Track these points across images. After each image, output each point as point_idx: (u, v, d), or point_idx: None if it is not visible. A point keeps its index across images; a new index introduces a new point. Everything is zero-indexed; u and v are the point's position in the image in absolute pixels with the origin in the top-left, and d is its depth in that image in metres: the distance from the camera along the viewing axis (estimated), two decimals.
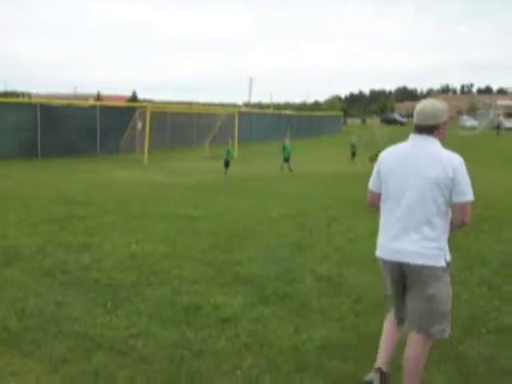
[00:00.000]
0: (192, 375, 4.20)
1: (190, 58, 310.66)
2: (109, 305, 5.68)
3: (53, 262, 7.34)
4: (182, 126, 35.88)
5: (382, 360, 3.92)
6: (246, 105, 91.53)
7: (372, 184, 3.96)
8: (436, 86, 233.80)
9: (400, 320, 4.00)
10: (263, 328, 5.14)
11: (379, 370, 3.84)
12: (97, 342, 4.76)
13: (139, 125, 29.81)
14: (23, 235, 8.92)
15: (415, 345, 3.78)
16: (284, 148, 22.96)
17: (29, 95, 58.44)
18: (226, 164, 20.71)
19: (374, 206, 4.02)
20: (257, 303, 5.82)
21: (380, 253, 3.89)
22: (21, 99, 40.30)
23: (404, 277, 3.79)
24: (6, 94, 48.98)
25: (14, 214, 10.78)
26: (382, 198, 3.87)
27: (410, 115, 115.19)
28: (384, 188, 3.83)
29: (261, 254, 7.86)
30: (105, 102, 41.93)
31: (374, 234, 4.15)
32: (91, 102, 40.44)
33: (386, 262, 3.87)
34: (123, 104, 44.29)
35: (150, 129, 27.19)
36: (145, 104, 36.32)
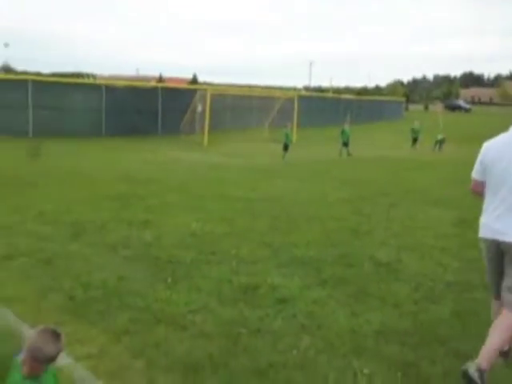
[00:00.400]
0: (249, 352, 4.27)
1: (251, 41, 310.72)
2: (169, 280, 5.83)
3: (115, 237, 7.58)
4: (241, 109, 36.04)
5: (486, 353, 3.84)
6: (306, 88, 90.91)
7: (475, 173, 4.29)
8: (504, 71, 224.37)
9: (499, 296, 4.16)
10: (320, 310, 5.16)
11: (479, 368, 3.74)
12: (157, 315, 4.91)
13: (199, 107, 30.14)
14: (88, 211, 9.24)
15: (505, 318, 3.92)
16: (343, 132, 22.71)
17: (94, 76, 60.03)
18: (285, 147, 20.69)
19: (477, 193, 4.35)
20: (314, 285, 5.84)
21: (482, 232, 4.19)
22: (86, 80, 41.43)
23: (502, 255, 4.04)
24: (73, 75, 50.46)
25: (79, 191, 11.18)
26: (487, 184, 4.17)
27: (476, 102, 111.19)
28: (488, 175, 4.14)
29: (318, 238, 7.85)
30: (166, 84, 42.59)
31: (433, 221, 4.08)
32: (153, 84, 41.12)
33: (486, 241, 4.17)
34: (184, 86, 44.86)
35: (210, 111, 27.45)
36: (205, 86, 36.66)
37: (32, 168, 14.34)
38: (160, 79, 75.36)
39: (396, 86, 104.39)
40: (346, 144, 22.38)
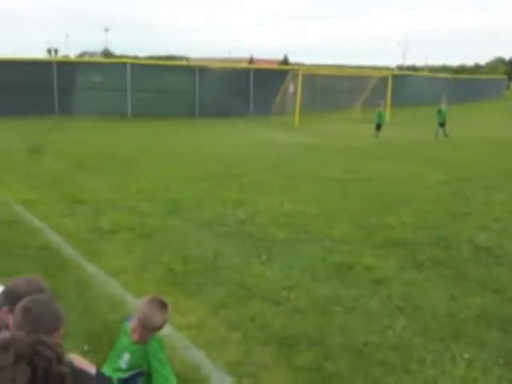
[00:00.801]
0: (344, 330, 4.27)
1: (341, 20, 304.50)
2: (263, 257, 5.93)
3: (211, 214, 7.78)
4: (333, 89, 35.54)
5: None
6: (399, 67, 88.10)
7: None
8: None
9: None
10: (416, 292, 5.05)
11: None
12: (252, 290, 5.01)
13: (291, 88, 30.07)
14: (184, 189, 9.54)
15: None
16: (439, 112, 21.83)
17: (187, 59, 61.43)
18: (378, 127, 20.22)
19: None
20: (409, 267, 5.71)
21: None
22: (180, 62, 42.50)
23: None
24: (168, 58, 51.89)
25: (175, 170, 11.55)
26: None
27: None
28: None
29: (414, 219, 7.66)
30: (258, 65, 42.80)
31: None
32: (244, 65, 41.47)
33: None
34: (275, 67, 44.87)
35: (302, 92, 27.32)
36: (296, 67, 36.47)
37: (131, 148, 14.96)
38: (251, 61, 75.82)
39: (496, 64, 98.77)
40: (442, 124, 21.51)
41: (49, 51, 71.98)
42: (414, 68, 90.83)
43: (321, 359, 3.81)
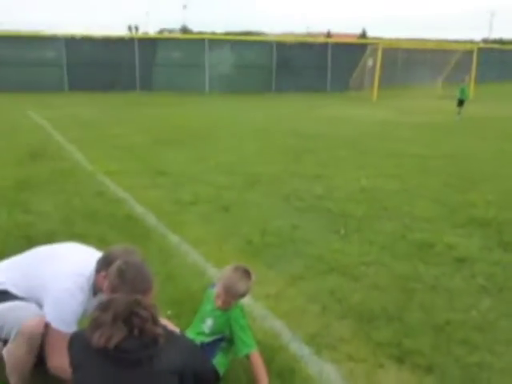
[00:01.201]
0: (425, 308, 4.18)
1: None
2: (341, 232, 5.89)
3: (288, 189, 7.80)
4: (414, 64, 34.41)
5: None
6: (485, 41, 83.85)
7: None
8: None
9: None
10: (502, 272, 4.87)
11: None
12: (331, 264, 5.00)
13: (370, 62, 29.38)
14: (261, 163, 9.60)
15: None
16: None
17: (264, 34, 61.21)
18: (460, 103, 19.42)
19: None
20: (495, 247, 5.51)
21: None
22: (256, 37, 42.41)
23: None
24: (244, 34, 51.95)
25: (253, 144, 11.64)
26: None
27: None
28: None
29: (499, 198, 7.34)
30: (336, 39, 42.02)
31: None
32: (322, 39, 40.83)
33: None
34: (354, 41, 43.89)
35: (381, 66, 26.64)
36: (376, 41, 35.51)
37: (209, 123, 15.19)
38: (328, 35, 74.52)
39: None
40: None
41: (129, 28, 73.85)
42: (501, 41, 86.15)
43: (400, 335, 3.77)
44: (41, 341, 2.85)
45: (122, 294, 2.41)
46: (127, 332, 2.29)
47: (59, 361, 2.83)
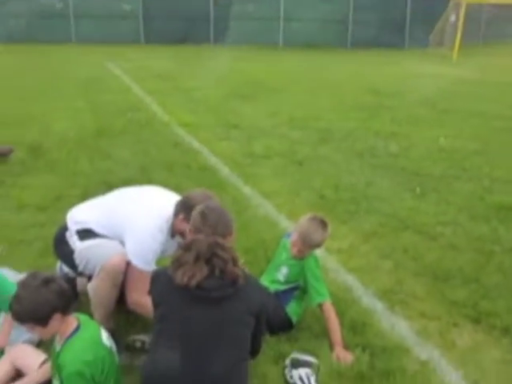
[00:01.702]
0: (503, 271, 4.06)
1: None
2: (417, 191, 5.76)
3: (362, 145, 7.66)
4: (499, 20, 32.44)
5: None
6: None
7: None
8: None
9: None
10: None
11: None
12: (405, 222, 4.92)
13: (452, 18, 27.93)
14: (335, 119, 9.46)
15: None
16: None
17: None
18: None
19: None
20: None
21: None
22: None
23: None
24: None
25: (327, 100, 11.45)
26: None
27: None
28: None
29: None
30: None
31: None
32: None
33: None
34: None
35: (464, 22, 25.29)
36: None
37: (283, 77, 15.03)
38: None
39: None
40: None
41: None
42: None
43: (477, 296, 3.68)
44: (123, 277, 2.98)
45: (204, 235, 2.47)
46: (209, 271, 2.35)
47: (139, 297, 2.97)
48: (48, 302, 2.35)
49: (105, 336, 2.57)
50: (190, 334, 2.36)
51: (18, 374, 2.76)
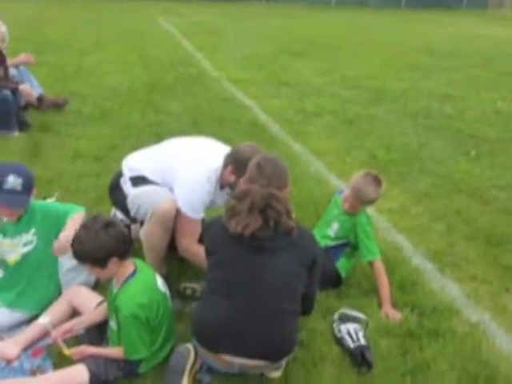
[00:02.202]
0: None
1: None
2: (472, 154, 5.61)
3: (415, 106, 7.47)
4: None
5: None
6: None
7: None
8: None
9: None
10: None
11: None
12: (459, 185, 4.81)
13: None
14: (388, 79, 9.23)
15: None
16: None
17: None
18: None
19: None
20: None
21: None
22: None
23: None
24: None
25: (379, 59, 11.16)
26: None
27: None
28: None
29: None
30: None
31: None
32: None
33: None
34: None
35: None
36: None
37: (335, 35, 14.69)
38: None
39: None
40: None
41: None
42: None
43: None
44: (174, 223, 3.03)
45: (259, 186, 2.47)
46: (263, 222, 2.36)
47: (188, 244, 3.03)
48: (106, 245, 2.42)
49: (160, 281, 2.64)
50: (242, 283, 2.39)
51: (75, 313, 2.87)
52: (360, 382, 2.55)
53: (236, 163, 2.97)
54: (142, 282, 2.54)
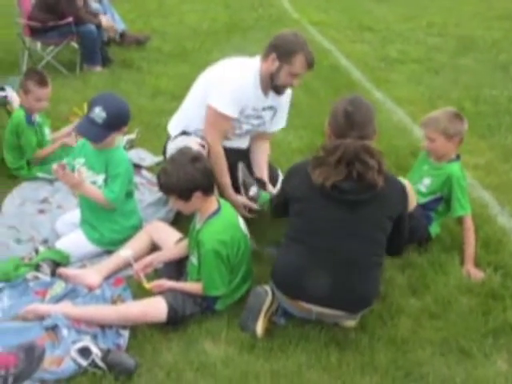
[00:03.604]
0: None
1: None
2: None
3: (508, 58, 7.00)
4: None
5: None
6: None
7: None
8: None
9: None
10: None
11: None
12: None
13: None
14: (478, 27, 8.66)
15: None
16: None
17: None
18: None
19: None
20: None
21: None
22: None
23: None
24: None
25: (470, 6, 10.45)
26: None
27: None
28: None
29: None
30: None
31: None
32: None
33: None
34: None
35: None
36: None
37: None
38: None
39: None
40: None
41: None
42: None
43: None
44: None
45: (351, 139, 2.37)
46: (346, 174, 2.30)
47: (211, 138, 3.05)
48: (192, 178, 2.43)
49: (241, 222, 2.65)
50: (324, 233, 2.36)
51: (155, 248, 2.93)
52: (437, 337, 2.50)
53: (279, 49, 2.96)
54: (225, 220, 2.56)
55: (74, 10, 5.43)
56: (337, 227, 2.36)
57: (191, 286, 2.60)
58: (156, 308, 2.49)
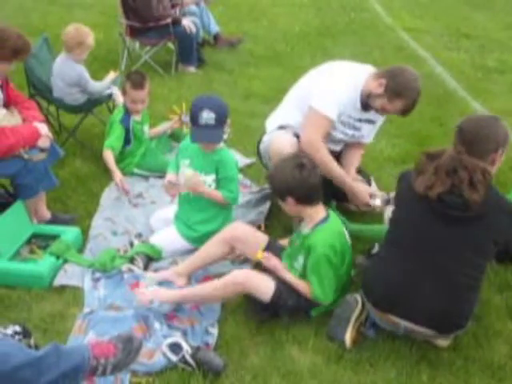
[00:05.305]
0: None
1: None
2: None
3: None
4: None
5: None
6: None
7: None
8: None
9: None
10: None
11: None
12: None
13: None
14: None
15: None
16: None
17: None
18: None
19: None
20: None
21: None
22: None
23: None
24: None
25: None
26: None
27: None
28: None
29: None
30: None
31: None
32: None
33: None
34: None
35: None
36: None
37: None
38: None
39: None
40: None
41: None
42: None
43: None
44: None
45: (453, 149, 2.30)
46: (449, 187, 2.20)
47: (309, 135, 3.06)
48: (285, 182, 2.48)
49: (347, 233, 2.63)
50: (421, 247, 2.28)
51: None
52: None
53: (393, 81, 2.94)
54: (335, 229, 2.57)
55: (150, 12, 5.47)
56: (435, 243, 2.26)
57: (300, 282, 2.55)
58: (263, 281, 2.49)
